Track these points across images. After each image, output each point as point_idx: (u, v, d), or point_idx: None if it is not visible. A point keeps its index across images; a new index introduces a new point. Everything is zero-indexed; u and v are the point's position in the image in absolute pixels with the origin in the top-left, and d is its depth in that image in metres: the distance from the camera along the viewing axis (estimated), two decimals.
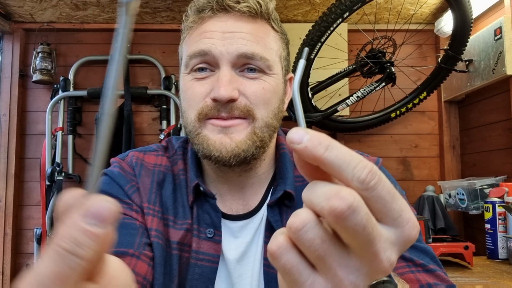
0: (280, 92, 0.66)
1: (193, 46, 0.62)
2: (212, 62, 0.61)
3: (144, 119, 2.21)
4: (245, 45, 0.60)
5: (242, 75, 0.62)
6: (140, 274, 0.59)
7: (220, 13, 0.62)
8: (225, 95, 0.58)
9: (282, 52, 0.67)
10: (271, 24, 0.66)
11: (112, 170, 0.70)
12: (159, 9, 2.05)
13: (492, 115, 1.85)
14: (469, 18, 1.72)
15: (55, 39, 2.19)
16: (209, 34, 0.61)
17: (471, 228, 2.01)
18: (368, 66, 1.82)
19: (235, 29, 0.61)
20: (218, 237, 0.65)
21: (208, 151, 0.60)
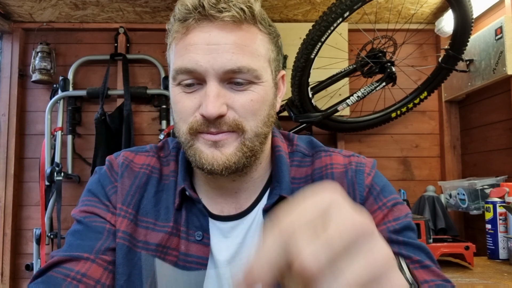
0: (270, 98, 0.65)
1: (179, 61, 0.62)
2: (199, 77, 0.61)
3: (144, 119, 2.21)
4: (230, 60, 0.59)
5: (230, 87, 0.61)
6: (91, 278, 0.61)
7: (203, 22, 0.60)
8: (213, 113, 0.58)
9: (271, 54, 0.66)
10: (258, 26, 0.64)
11: (101, 169, 0.72)
12: (159, 9, 2.05)
13: (492, 115, 1.84)
14: (470, 18, 1.72)
15: (54, 39, 2.18)
16: (194, 48, 0.60)
17: (471, 229, 2.01)
18: (369, 65, 1.82)
19: (220, 40, 0.60)
20: (206, 240, 0.65)
21: (201, 163, 0.62)
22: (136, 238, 0.66)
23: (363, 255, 0.28)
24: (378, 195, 0.67)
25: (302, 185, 0.69)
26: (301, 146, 0.74)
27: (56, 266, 0.61)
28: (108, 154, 1.60)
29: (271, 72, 0.66)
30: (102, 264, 0.62)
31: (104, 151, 1.99)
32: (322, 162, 0.70)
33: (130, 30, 2.22)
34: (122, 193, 0.68)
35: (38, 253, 2.02)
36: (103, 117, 2.03)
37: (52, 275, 0.60)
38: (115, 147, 2.02)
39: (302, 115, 1.83)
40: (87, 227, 0.65)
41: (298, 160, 0.72)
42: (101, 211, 0.67)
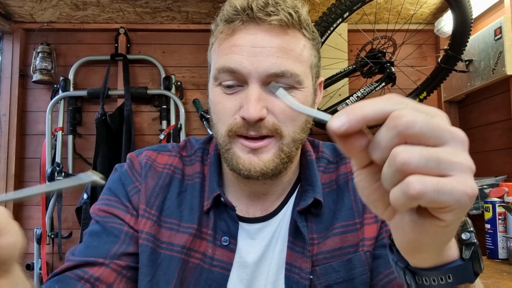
0: (309, 104, 0.65)
1: (222, 60, 0.62)
2: (241, 79, 0.61)
3: (144, 119, 2.21)
4: (274, 63, 0.59)
5: (271, 91, 0.61)
6: (104, 282, 0.61)
7: (250, 25, 0.61)
8: (254, 116, 0.58)
9: (313, 60, 0.66)
10: (302, 32, 0.64)
11: (122, 167, 0.72)
12: (159, 9, 2.06)
13: (492, 115, 1.85)
14: (469, 18, 1.72)
15: (55, 39, 2.19)
16: (239, 49, 0.60)
17: None
18: (368, 66, 1.82)
19: (265, 44, 0.60)
20: (233, 246, 0.65)
21: (238, 168, 0.62)
22: (160, 239, 0.66)
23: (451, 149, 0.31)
24: None
25: (326, 189, 0.70)
26: (326, 153, 0.75)
27: (73, 268, 0.62)
28: (109, 154, 1.64)
29: (312, 78, 0.66)
30: (116, 269, 0.63)
31: (104, 151, 1.99)
32: (347, 168, 0.71)
33: (131, 31, 2.23)
34: (146, 194, 0.68)
35: (38, 253, 2.03)
36: (104, 117, 2.03)
37: (67, 275, 0.61)
38: (116, 147, 2.03)
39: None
40: (104, 229, 0.65)
41: (323, 166, 0.73)
42: (120, 212, 0.67)
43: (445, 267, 0.37)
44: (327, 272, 0.64)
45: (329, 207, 0.68)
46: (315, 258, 0.65)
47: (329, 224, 0.67)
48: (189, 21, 2.19)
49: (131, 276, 0.65)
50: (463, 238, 0.39)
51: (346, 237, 0.66)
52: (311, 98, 0.66)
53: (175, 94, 2.15)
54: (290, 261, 0.65)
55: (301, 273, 0.63)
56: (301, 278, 0.63)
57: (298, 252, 0.65)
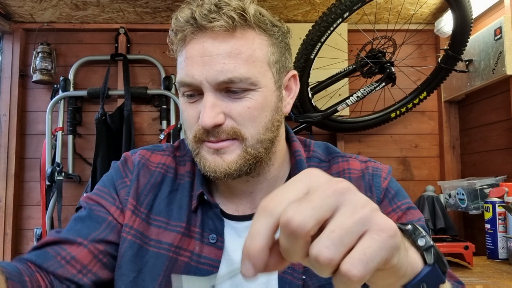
0: (271, 103, 0.64)
1: (180, 74, 0.64)
2: (197, 88, 0.62)
3: (144, 119, 2.21)
4: (221, 71, 0.59)
5: (227, 96, 0.62)
6: (79, 262, 0.63)
7: (198, 33, 0.61)
8: (208, 123, 0.60)
9: (270, 57, 0.64)
10: (254, 30, 0.63)
11: (115, 163, 0.76)
12: (159, 9, 2.06)
13: (492, 115, 1.85)
14: (469, 18, 1.72)
15: (55, 39, 2.19)
16: (190, 61, 0.62)
17: (471, 228, 2.01)
18: (368, 66, 1.82)
19: (212, 51, 0.60)
20: (220, 243, 0.66)
21: (205, 170, 0.64)
22: (148, 236, 0.67)
23: (345, 208, 0.31)
24: (393, 198, 0.69)
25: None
26: (317, 152, 0.75)
27: (52, 244, 0.65)
28: (109, 154, 1.62)
29: (272, 76, 0.65)
30: (93, 252, 0.65)
31: (104, 151, 1.99)
32: (340, 167, 0.72)
33: (131, 31, 2.23)
34: (138, 191, 0.70)
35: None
36: (104, 117, 2.03)
37: (46, 250, 0.64)
38: (116, 147, 2.03)
39: (302, 115, 1.83)
40: (89, 215, 0.68)
41: (315, 165, 0.73)
42: (107, 203, 0.69)
43: (416, 280, 0.38)
44: None
45: None
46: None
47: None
48: None
49: (107, 262, 0.66)
50: (420, 245, 0.40)
51: None
52: (273, 96, 0.65)
53: (175, 94, 2.15)
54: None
55: (294, 273, 0.63)
56: (294, 278, 0.63)
57: None
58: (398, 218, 0.67)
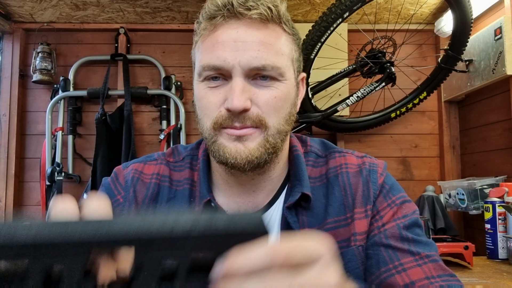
0: (292, 96, 0.67)
1: (206, 57, 0.63)
2: (225, 73, 0.62)
3: (144, 119, 2.21)
4: (256, 57, 0.61)
5: (254, 83, 0.63)
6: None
7: (231, 20, 0.63)
8: (238, 106, 0.60)
9: (294, 54, 0.68)
10: (282, 27, 0.66)
11: (106, 180, 0.74)
12: (159, 9, 2.05)
13: (492, 115, 1.85)
14: (469, 18, 1.72)
15: (55, 39, 2.19)
16: (221, 45, 0.62)
17: (471, 228, 2.01)
18: (368, 66, 1.82)
19: (247, 38, 0.62)
20: None
21: (225, 158, 0.63)
22: None
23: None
24: (388, 193, 0.70)
25: (317, 183, 0.71)
26: (314, 147, 0.76)
27: None
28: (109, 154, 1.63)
29: (294, 72, 0.68)
30: None
31: (104, 151, 1.99)
32: (337, 162, 0.72)
33: (131, 31, 2.23)
34: (138, 207, 0.69)
35: None
36: (104, 117, 2.03)
37: None
38: (116, 147, 2.03)
39: (302, 115, 1.83)
40: None
41: (312, 160, 0.74)
42: None
43: None
44: None
45: (320, 200, 0.69)
46: None
47: (322, 219, 0.68)
48: (189, 21, 2.19)
49: None
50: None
51: (339, 231, 0.67)
52: (293, 90, 0.68)
53: (175, 94, 2.15)
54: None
55: None
56: None
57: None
58: (394, 213, 0.67)
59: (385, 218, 0.67)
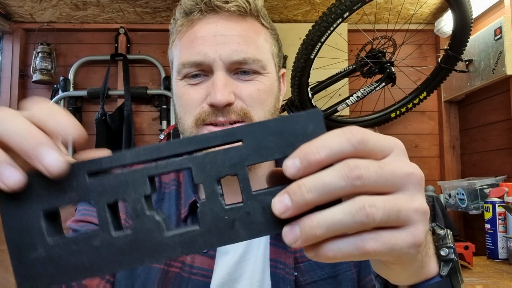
0: (275, 90, 0.66)
1: (186, 54, 0.62)
2: (206, 68, 0.61)
3: (144, 119, 2.21)
4: (236, 50, 0.60)
5: (236, 78, 0.62)
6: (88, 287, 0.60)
7: (209, 14, 0.61)
8: (222, 100, 0.58)
9: (273, 49, 0.67)
10: (260, 21, 0.65)
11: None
12: (159, 9, 2.05)
13: (492, 115, 1.85)
14: (469, 18, 1.72)
15: (55, 39, 2.19)
16: (201, 40, 0.61)
17: (471, 228, 2.01)
18: (368, 66, 1.82)
19: (226, 32, 0.61)
20: (212, 252, 0.65)
21: None
22: None
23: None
24: None
25: None
26: None
27: None
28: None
29: (275, 66, 0.67)
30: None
31: None
32: None
33: (131, 31, 2.23)
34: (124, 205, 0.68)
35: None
36: (104, 117, 2.03)
37: None
38: (116, 147, 2.02)
39: None
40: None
41: None
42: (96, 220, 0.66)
43: (423, 285, 0.37)
44: (312, 268, 0.64)
45: None
46: (299, 254, 0.64)
47: None
48: None
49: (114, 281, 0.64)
50: (442, 254, 0.39)
51: None
52: (276, 84, 0.67)
53: None
54: (274, 257, 0.64)
55: (286, 268, 0.63)
56: (287, 273, 0.63)
57: (281, 248, 0.65)
58: None
59: None
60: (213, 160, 0.28)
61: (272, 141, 0.27)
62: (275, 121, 0.28)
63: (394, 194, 0.27)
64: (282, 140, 0.27)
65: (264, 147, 0.27)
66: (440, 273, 0.38)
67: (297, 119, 0.28)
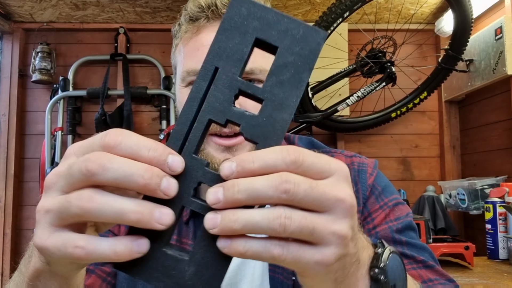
0: None
1: (191, 62, 0.61)
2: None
3: (144, 119, 2.21)
4: None
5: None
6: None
7: (215, 22, 0.60)
8: None
9: None
10: None
11: None
12: (159, 9, 2.05)
13: (492, 115, 1.84)
14: (470, 18, 1.72)
15: (54, 39, 2.19)
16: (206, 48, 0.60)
17: (471, 228, 2.01)
18: (368, 66, 1.82)
19: None
20: None
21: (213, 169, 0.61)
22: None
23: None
24: (380, 195, 0.67)
25: None
26: (301, 146, 0.74)
27: None
28: None
29: None
30: (101, 275, 0.62)
31: None
32: None
33: (130, 30, 2.23)
34: None
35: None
36: (103, 117, 2.03)
37: None
38: None
39: (302, 115, 1.83)
40: None
41: None
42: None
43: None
44: None
45: None
46: None
47: None
48: None
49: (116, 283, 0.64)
50: (371, 275, 0.37)
51: None
52: None
53: (175, 94, 2.15)
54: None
55: (284, 272, 0.63)
56: (285, 278, 0.63)
57: None
58: (386, 216, 0.65)
59: (377, 221, 0.65)
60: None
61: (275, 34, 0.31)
62: (288, 18, 0.31)
63: (317, 214, 0.29)
64: (281, 34, 0.31)
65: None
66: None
67: (305, 29, 0.30)
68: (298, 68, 0.30)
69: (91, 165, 0.27)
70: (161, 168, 0.29)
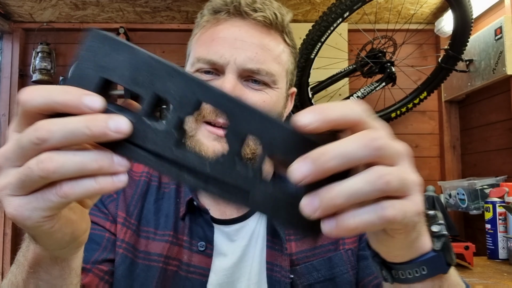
0: (280, 106, 0.66)
1: (203, 50, 0.63)
2: (219, 68, 0.62)
3: None
4: (252, 59, 0.60)
5: (246, 85, 0.62)
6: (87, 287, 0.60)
7: (235, 17, 0.63)
8: None
9: (289, 66, 0.67)
10: (283, 37, 0.66)
11: None
12: (159, 9, 2.05)
13: (492, 115, 1.84)
14: (470, 18, 1.72)
15: (54, 39, 2.19)
16: (221, 40, 0.61)
17: (471, 228, 2.01)
18: (368, 66, 1.82)
19: (247, 38, 0.61)
20: (209, 251, 0.64)
21: None
22: (138, 249, 0.65)
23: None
24: None
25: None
26: None
27: None
28: None
29: (286, 83, 0.67)
30: (98, 274, 0.62)
31: None
32: None
33: (130, 30, 2.23)
34: (125, 202, 0.67)
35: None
36: None
37: None
38: None
39: None
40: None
41: None
42: (100, 220, 0.65)
43: (418, 260, 0.38)
44: (309, 271, 0.64)
45: None
46: (295, 257, 0.65)
47: None
48: (189, 21, 2.19)
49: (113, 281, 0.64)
50: (434, 231, 0.40)
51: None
52: (283, 101, 0.67)
53: None
54: (271, 260, 0.65)
55: (282, 271, 0.63)
56: (283, 276, 0.63)
57: (278, 251, 0.65)
58: None
59: None
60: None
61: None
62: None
63: (397, 167, 0.29)
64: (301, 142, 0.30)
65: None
66: (433, 248, 0.39)
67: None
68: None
69: (40, 133, 0.27)
70: (77, 106, 0.29)
